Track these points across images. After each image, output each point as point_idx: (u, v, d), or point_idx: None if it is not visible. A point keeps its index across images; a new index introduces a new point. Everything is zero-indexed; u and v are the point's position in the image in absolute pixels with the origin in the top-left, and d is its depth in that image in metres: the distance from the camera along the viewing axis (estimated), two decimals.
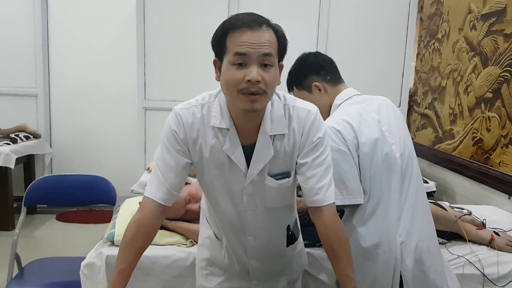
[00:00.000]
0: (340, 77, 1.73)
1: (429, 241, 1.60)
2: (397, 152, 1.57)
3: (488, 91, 2.65)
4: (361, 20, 3.72)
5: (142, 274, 1.70)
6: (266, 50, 1.14)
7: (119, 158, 4.42)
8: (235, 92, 1.16)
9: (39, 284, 1.99)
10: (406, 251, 1.54)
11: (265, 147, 1.27)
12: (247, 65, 1.14)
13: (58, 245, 3.58)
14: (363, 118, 1.58)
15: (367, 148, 1.53)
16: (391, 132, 1.59)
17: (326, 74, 1.71)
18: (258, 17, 1.17)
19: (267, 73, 1.16)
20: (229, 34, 1.15)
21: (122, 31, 4.29)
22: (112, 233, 1.79)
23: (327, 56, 1.75)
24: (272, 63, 1.17)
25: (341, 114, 1.60)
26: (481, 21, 2.74)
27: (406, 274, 1.56)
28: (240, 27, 1.14)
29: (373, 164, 1.55)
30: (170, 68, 3.66)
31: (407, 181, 1.58)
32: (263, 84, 1.15)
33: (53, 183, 2.26)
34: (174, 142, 1.28)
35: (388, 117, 1.62)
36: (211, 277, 1.51)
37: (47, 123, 4.43)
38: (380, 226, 1.55)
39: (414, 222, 1.57)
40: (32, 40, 4.27)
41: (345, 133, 1.53)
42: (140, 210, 1.28)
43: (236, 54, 1.14)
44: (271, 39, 1.17)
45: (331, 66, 1.72)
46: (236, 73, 1.15)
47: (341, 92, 1.70)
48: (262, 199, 1.33)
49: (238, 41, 1.14)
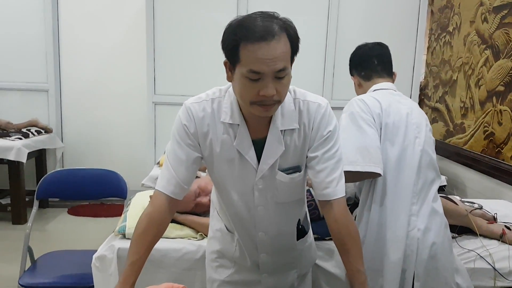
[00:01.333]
0: (377, 72, 1.81)
1: (443, 237, 1.63)
2: (419, 146, 1.64)
3: (500, 84, 2.62)
4: (371, 13, 3.70)
5: (153, 266, 1.71)
6: (280, 65, 1.12)
7: (129, 153, 4.45)
8: (249, 103, 1.17)
9: (51, 276, 2.02)
10: (423, 245, 1.57)
11: (276, 142, 1.27)
12: (262, 80, 1.13)
13: (69, 238, 3.62)
14: (393, 104, 1.67)
15: (389, 131, 1.62)
16: (419, 127, 1.67)
17: (362, 70, 1.84)
18: (270, 23, 1.12)
19: (281, 84, 1.15)
20: (242, 45, 1.11)
21: (131, 27, 4.30)
22: (123, 226, 1.81)
23: (378, 50, 1.83)
24: (286, 73, 1.15)
25: (371, 94, 1.73)
26: (493, 14, 2.71)
27: (419, 269, 1.59)
28: (254, 41, 1.09)
29: (392, 149, 1.61)
30: (179, 63, 3.67)
31: (423, 176, 1.63)
32: (277, 95, 1.15)
33: (64, 177, 2.29)
34: (185, 136, 1.28)
35: (419, 116, 1.71)
36: (221, 269, 1.52)
37: (58, 118, 4.46)
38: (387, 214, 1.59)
39: (432, 218, 1.60)
40: (43, 37, 4.30)
41: (372, 107, 1.63)
42: (151, 204, 1.29)
43: (251, 72, 1.12)
44: (285, 49, 1.13)
45: (369, 63, 1.82)
46: (250, 87, 1.14)
47: (376, 84, 1.80)
48: (273, 194, 1.34)
49: (253, 57, 1.10)
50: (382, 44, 1.90)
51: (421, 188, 1.62)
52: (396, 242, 1.57)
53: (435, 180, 1.67)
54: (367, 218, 1.63)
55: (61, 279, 2.00)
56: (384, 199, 1.60)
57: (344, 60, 3.66)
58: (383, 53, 1.84)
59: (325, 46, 3.73)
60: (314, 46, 3.71)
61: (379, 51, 1.84)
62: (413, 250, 1.57)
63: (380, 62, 1.82)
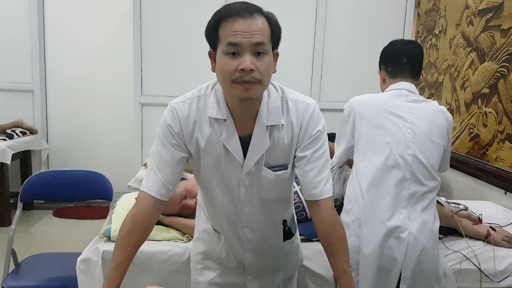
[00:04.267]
0: (406, 72, 1.80)
1: (433, 243, 1.66)
2: (409, 150, 1.64)
3: (485, 86, 2.64)
4: (359, 15, 3.72)
5: (138, 269, 1.70)
6: (258, 38, 1.14)
7: (116, 154, 4.42)
8: (230, 82, 1.17)
9: (35, 279, 2.00)
10: (412, 249, 1.59)
11: (261, 137, 1.27)
12: (240, 54, 1.14)
13: (54, 241, 3.58)
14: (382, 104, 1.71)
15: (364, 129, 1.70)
16: (416, 134, 1.67)
17: (389, 66, 1.83)
18: (250, 6, 1.17)
19: (260, 61, 1.16)
20: (221, 23, 1.15)
21: (118, 26, 4.27)
22: (108, 229, 1.79)
23: (407, 48, 1.81)
24: (266, 51, 1.17)
25: (368, 95, 1.78)
26: (478, 17, 2.74)
27: (406, 272, 1.61)
28: (232, 16, 1.14)
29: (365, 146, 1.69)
30: (167, 64, 3.66)
31: (414, 183, 1.64)
32: (257, 73, 1.15)
33: (49, 179, 2.27)
34: (170, 136, 1.28)
35: (422, 121, 1.69)
36: (205, 271, 1.51)
37: (44, 119, 4.42)
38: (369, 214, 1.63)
39: (425, 223, 1.63)
40: (29, 35, 4.26)
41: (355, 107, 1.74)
42: (136, 205, 1.28)
43: (229, 44, 1.14)
44: (264, 27, 1.16)
45: (398, 60, 1.80)
46: (229, 63, 1.15)
47: (396, 83, 1.80)
48: (258, 191, 1.34)
49: (230, 31, 1.13)
50: (416, 43, 1.90)
51: (412, 193, 1.64)
52: (372, 238, 1.61)
53: (433, 189, 1.68)
54: (355, 209, 1.68)
55: (45, 282, 1.97)
56: (366, 194, 1.64)
57: (332, 62, 3.74)
58: (414, 52, 1.81)
59: (313, 47, 3.75)
60: (302, 48, 3.73)
61: (411, 50, 1.81)
62: (402, 253, 1.59)
63: (409, 61, 1.80)
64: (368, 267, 1.62)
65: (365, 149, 1.68)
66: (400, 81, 1.79)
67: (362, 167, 1.68)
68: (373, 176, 1.64)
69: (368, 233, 1.62)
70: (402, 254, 1.59)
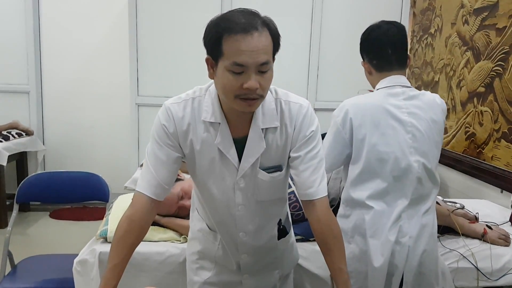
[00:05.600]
0: (394, 64, 1.64)
1: (433, 244, 1.65)
2: (412, 157, 1.58)
3: (480, 85, 2.65)
4: (354, 15, 3.72)
5: (135, 270, 1.70)
6: (263, 59, 1.13)
7: (112, 155, 4.41)
8: (232, 97, 1.17)
9: (32, 281, 1.99)
10: (413, 253, 1.58)
11: (257, 140, 1.27)
12: (245, 73, 1.13)
13: (51, 242, 3.57)
14: (373, 112, 1.59)
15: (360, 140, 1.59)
16: (417, 138, 1.59)
17: (373, 59, 1.67)
18: (252, 17, 1.14)
19: (264, 78, 1.16)
20: (225, 38, 1.12)
21: (114, 27, 4.27)
22: (105, 230, 1.78)
23: (392, 37, 1.63)
24: (269, 68, 1.17)
25: (361, 97, 1.65)
26: (474, 16, 2.75)
27: (409, 276, 1.61)
28: (237, 32, 1.11)
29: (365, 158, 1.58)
30: (163, 64, 3.66)
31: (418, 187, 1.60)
32: (260, 89, 1.16)
33: (45, 180, 2.26)
34: (164, 136, 1.28)
35: (422, 122, 1.61)
36: (201, 271, 1.51)
37: (40, 120, 4.41)
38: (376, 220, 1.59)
39: (425, 225, 1.61)
40: (24, 36, 4.25)
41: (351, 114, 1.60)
42: (132, 205, 1.27)
43: (235, 64, 1.12)
44: (267, 43, 1.15)
45: (383, 51, 1.63)
46: (233, 80, 1.14)
47: (385, 78, 1.65)
48: (254, 193, 1.34)
49: (235, 49, 1.11)
50: (398, 24, 1.67)
51: (415, 199, 1.61)
52: (381, 250, 1.57)
53: (435, 192, 1.66)
54: (355, 217, 1.64)
55: (42, 284, 1.97)
56: (371, 204, 1.60)
57: (328, 62, 3.74)
58: (398, 40, 1.64)
59: (309, 48, 3.75)
60: (298, 48, 3.73)
61: (395, 38, 1.63)
62: (403, 257, 1.57)
63: (394, 51, 1.63)
64: (378, 279, 1.59)
65: (368, 159, 1.59)
66: (389, 74, 1.65)
67: (364, 178, 1.60)
68: (376, 186, 1.59)
69: (376, 246, 1.57)
70: (403, 259, 1.58)
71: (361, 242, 1.61)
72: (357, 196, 1.61)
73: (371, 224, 1.58)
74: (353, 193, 1.62)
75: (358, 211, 1.62)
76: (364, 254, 1.61)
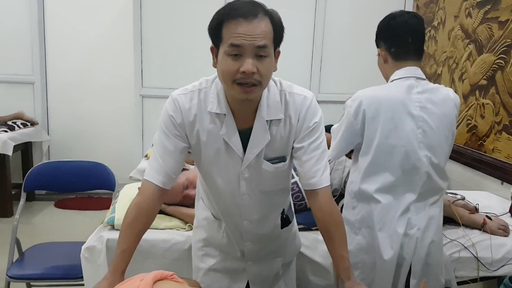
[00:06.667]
0: (411, 54, 1.63)
1: (439, 235, 1.69)
2: (421, 152, 1.59)
3: (482, 78, 2.67)
4: (358, 8, 3.74)
5: (142, 257, 1.73)
6: (260, 42, 1.15)
7: (116, 146, 4.44)
8: (230, 82, 1.19)
9: (39, 268, 2.03)
10: (421, 244, 1.62)
11: (261, 131, 1.30)
12: (242, 56, 1.16)
13: (57, 231, 3.61)
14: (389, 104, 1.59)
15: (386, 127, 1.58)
16: (427, 133, 1.60)
17: (392, 46, 1.64)
18: (253, 6, 1.17)
19: (262, 64, 1.18)
20: (225, 23, 1.16)
21: (118, 18, 4.28)
22: (112, 217, 1.82)
23: (411, 26, 1.61)
24: (267, 53, 1.18)
25: (376, 89, 1.64)
26: (477, 9, 2.76)
27: (417, 266, 1.64)
28: (236, 17, 1.15)
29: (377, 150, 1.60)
30: (167, 56, 3.68)
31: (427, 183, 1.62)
32: (258, 75, 1.18)
33: (52, 169, 2.30)
34: (172, 127, 1.31)
35: (433, 117, 1.61)
36: (206, 257, 1.55)
37: (44, 111, 4.45)
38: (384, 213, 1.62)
39: (432, 217, 1.65)
40: (29, 27, 4.27)
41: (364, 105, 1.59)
42: (140, 193, 1.31)
43: (231, 46, 1.15)
44: (267, 29, 1.17)
45: (402, 40, 1.62)
46: (231, 64, 1.17)
47: (401, 69, 1.64)
48: (258, 183, 1.37)
49: (233, 32, 1.15)
50: (418, 16, 1.68)
51: (423, 193, 1.63)
52: (390, 243, 1.60)
53: (444, 188, 1.69)
54: (362, 209, 1.66)
55: (50, 270, 2.01)
56: (379, 198, 1.62)
57: (331, 54, 3.77)
58: (419, 30, 1.63)
59: (313, 40, 3.77)
60: (302, 40, 3.74)
61: (415, 27, 1.62)
62: (411, 249, 1.61)
63: (414, 41, 1.62)
64: (388, 272, 1.62)
65: (377, 151, 1.60)
66: (405, 64, 1.64)
67: (373, 170, 1.62)
68: (385, 179, 1.61)
69: (385, 238, 1.60)
70: (411, 250, 1.61)
71: (369, 234, 1.64)
72: (365, 188, 1.63)
73: (379, 218, 1.61)
74: (361, 185, 1.64)
75: (366, 204, 1.64)
76: (372, 246, 1.63)
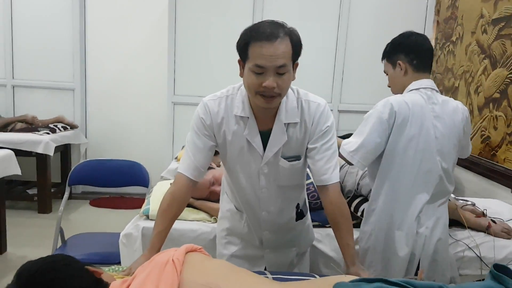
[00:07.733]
0: (427, 68, 1.84)
1: (446, 233, 1.84)
2: (437, 156, 1.76)
3: (496, 91, 2.79)
4: (380, 22, 3.87)
5: (172, 244, 1.88)
6: (281, 62, 1.34)
7: (149, 149, 4.63)
8: (254, 93, 1.40)
9: (80, 253, 2.21)
10: (430, 241, 1.76)
11: (280, 133, 1.49)
12: (265, 74, 1.36)
13: (93, 225, 3.80)
14: (416, 110, 1.73)
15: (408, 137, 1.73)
16: (439, 140, 1.76)
17: (414, 58, 1.82)
18: (276, 28, 1.35)
19: (281, 79, 1.37)
20: (251, 44, 1.35)
21: (153, 30, 4.51)
22: (147, 209, 2.04)
23: (428, 44, 1.85)
24: (286, 70, 1.37)
25: (404, 96, 1.79)
26: (492, 26, 2.88)
27: (424, 263, 1.78)
28: (260, 39, 1.33)
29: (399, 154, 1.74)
30: (198, 66, 3.88)
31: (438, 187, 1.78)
32: (278, 88, 1.37)
33: (93, 167, 2.53)
34: (202, 127, 1.51)
35: (445, 126, 1.77)
36: (229, 245, 1.74)
37: (83, 115, 4.69)
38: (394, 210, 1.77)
39: (440, 216, 1.80)
40: (71, 37, 4.52)
41: (396, 108, 1.72)
42: (174, 184, 1.52)
43: (256, 66, 1.35)
44: (286, 49, 1.36)
45: (424, 54, 1.82)
46: (255, 79, 1.37)
47: (419, 80, 1.82)
48: (276, 178, 1.56)
49: (257, 53, 1.34)
50: (427, 38, 1.92)
51: (434, 195, 1.78)
52: (405, 240, 1.75)
53: (451, 191, 1.85)
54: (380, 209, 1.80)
55: (90, 256, 2.21)
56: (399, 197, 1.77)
57: (353, 65, 3.94)
58: (431, 49, 1.87)
59: (335, 52, 3.92)
60: (325, 51, 3.90)
61: (430, 46, 1.86)
62: (420, 246, 1.76)
63: (430, 57, 1.84)
64: (401, 267, 1.77)
65: (401, 154, 1.74)
66: (423, 76, 1.82)
67: (393, 172, 1.75)
68: (405, 180, 1.75)
69: (401, 237, 1.75)
70: (420, 247, 1.76)
71: (387, 233, 1.78)
72: (384, 189, 1.78)
73: (397, 217, 1.76)
74: (380, 186, 1.79)
75: (384, 204, 1.79)
76: (387, 245, 1.78)
